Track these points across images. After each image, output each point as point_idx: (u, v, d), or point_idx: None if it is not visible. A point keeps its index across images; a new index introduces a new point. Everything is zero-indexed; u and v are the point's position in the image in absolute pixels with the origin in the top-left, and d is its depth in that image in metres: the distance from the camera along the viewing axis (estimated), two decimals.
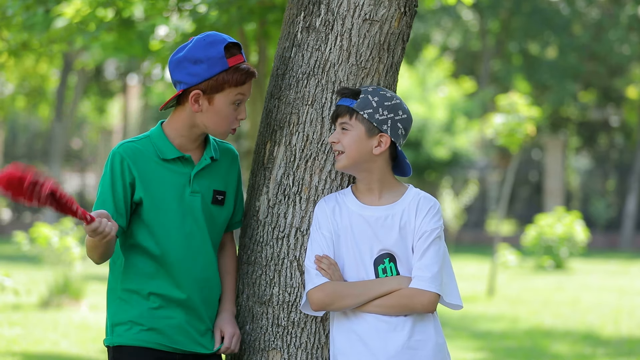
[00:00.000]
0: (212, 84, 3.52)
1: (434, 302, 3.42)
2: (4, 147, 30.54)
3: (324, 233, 3.53)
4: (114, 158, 3.55)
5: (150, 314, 3.55)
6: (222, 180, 3.69)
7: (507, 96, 14.79)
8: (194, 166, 3.61)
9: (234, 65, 3.54)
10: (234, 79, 3.53)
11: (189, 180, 3.60)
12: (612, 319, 12.15)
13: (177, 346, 3.57)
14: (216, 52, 3.52)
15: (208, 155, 3.64)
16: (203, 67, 3.52)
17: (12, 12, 7.61)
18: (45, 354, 8.91)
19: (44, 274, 13.42)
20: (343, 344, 3.51)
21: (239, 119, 3.60)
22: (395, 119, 3.51)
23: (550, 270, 19.24)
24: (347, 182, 3.71)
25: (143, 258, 3.58)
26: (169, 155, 3.58)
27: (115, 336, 3.57)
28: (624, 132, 32.22)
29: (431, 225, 3.47)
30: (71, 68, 26.65)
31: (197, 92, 3.53)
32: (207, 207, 3.63)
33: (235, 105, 3.57)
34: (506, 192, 15.17)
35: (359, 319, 3.48)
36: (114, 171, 3.54)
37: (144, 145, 3.59)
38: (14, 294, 9.13)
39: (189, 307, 3.59)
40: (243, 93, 3.57)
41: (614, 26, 28.08)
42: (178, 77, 3.56)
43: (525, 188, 30.11)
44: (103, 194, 3.54)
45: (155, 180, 3.56)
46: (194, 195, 3.60)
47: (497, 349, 9.97)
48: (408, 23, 3.79)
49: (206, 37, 3.56)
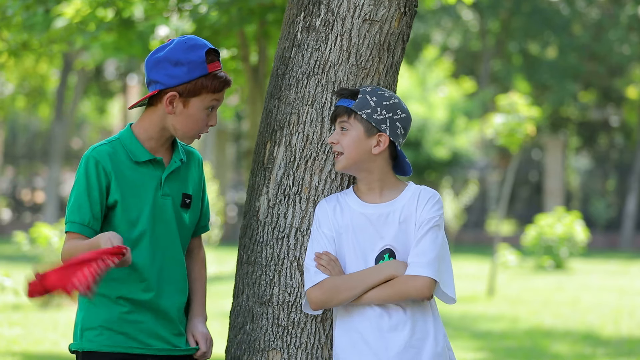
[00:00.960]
0: (190, 88, 3.51)
1: (428, 286, 3.40)
2: (4, 147, 30.55)
3: (324, 232, 3.53)
4: (89, 162, 3.51)
5: (121, 318, 3.52)
6: (190, 184, 3.68)
7: (507, 96, 14.79)
8: (164, 169, 3.60)
9: (213, 71, 3.53)
10: (212, 85, 3.52)
11: (159, 182, 3.58)
12: (612, 319, 12.15)
13: (148, 347, 3.54)
14: (197, 56, 3.51)
15: (177, 157, 3.63)
16: (183, 70, 3.50)
17: (12, 12, 7.61)
18: (45, 354, 8.91)
19: None
20: (345, 344, 3.51)
21: (208, 125, 3.59)
22: (394, 119, 3.51)
23: (550, 270, 19.24)
24: (347, 182, 3.71)
25: None
26: (141, 157, 3.56)
27: (85, 341, 3.53)
28: (624, 132, 32.23)
29: (430, 214, 3.46)
30: (71, 68, 26.66)
31: (174, 94, 3.51)
32: (177, 210, 3.62)
33: (208, 111, 3.56)
34: (506, 192, 15.17)
35: (361, 317, 3.48)
36: (89, 175, 3.51)
37: (116, 148, 3.56)
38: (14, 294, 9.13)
39: (160, 310, 3.56)
40: (218, 100, 3.57)
41: (614, 26, 28.08)
42: (155, 77, 3.54)
43: (525, 188, 30.11)
44: (79, 199, 3.50)
45: (129, 183, 3.54)
46: (164, 198, 3.58)
47: (497, 349, 9.97)
48: (408, 23, 3.79)
49: (187, 40, 3.55)
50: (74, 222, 3.50)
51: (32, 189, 30.28)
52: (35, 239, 12.55)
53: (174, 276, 3.61)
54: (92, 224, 3.49)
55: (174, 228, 3.60)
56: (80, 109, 31.04)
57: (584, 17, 29.68)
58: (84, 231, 3.49)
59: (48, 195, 26.41)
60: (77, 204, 3.50)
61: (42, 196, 28.97)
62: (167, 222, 3.58)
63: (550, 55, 30.03)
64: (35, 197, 30.11)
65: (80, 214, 3.49)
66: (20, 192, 30.20)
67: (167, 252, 3.59)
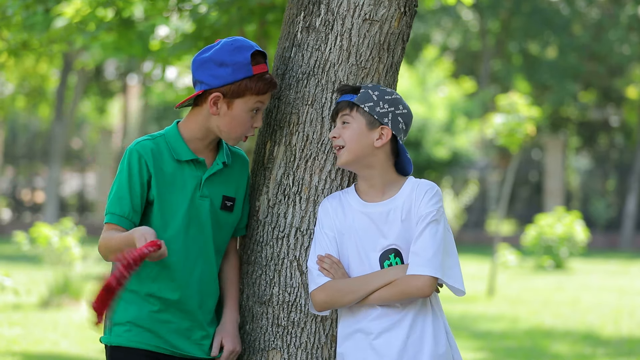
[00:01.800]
0: (234, 89, 3.51)
1: (428, 285, 3.38)
2: (4, 147, 30.54)
3: (326, 232, 3.53)
4: (132, 155, 3.53)
5: (150, 316, 3.54)
6: (233, 186, 3.68)
7: (507, 96, 14.79)
8: (206, 170, 3.60)
9: (258, 73, 3.53)
10: (257, 87, 3.52)
11: (199, 183, 3.59)
12: (612, 319, 12.15)
13: (175, 349, 3.56)
14: (243, 57, 3.51)
15: (220, 160, 3.63)
16: (227, 71, 3.50)
17: (12, 12, 7.61)
18: (45, 354, 8.91)
19: (44, 274, 13.42)
20: (349, 345, 3.50)
21: (254, 127, 3.59)
22: (396, 113, 3.52)
23: (550, 270, 19.24)
24: (347, 182, 3.71)
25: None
26: (183, 156, 3.57)
27: (114, 336, 3.56)
28: (624, 132, 32.23)
29: (427, 208, 3.44)
30: (71, 68, 26.65)
31: (218, 95, 3.52)
32: (214, 212, 3.61)
33: (253, 113, 3.56)
34: (506, 192, 15.17)
35: (363, 318, 3.47)
36: (132, 168, 3.52)
37: (160, 144, 3.57)
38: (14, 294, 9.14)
39: (188, 311, 3.58)
40: (262, 102, 3.56)
41: (614, 26, 28.08)
42: (200, 77, 3.54)
43: (525, 188, 30.10)
44: (120, 191, 3.51)
45: (168, 181, 3.55)
46: (202, 200, 3.59)
47: (497, 349, 9.97)
48: (408, 23, 3.79)
49: (234, 41, 3.55)
50: (114, 214, 3.51)
51: (32, 189, 30.27)
52: (35, 239, 12.55)
53: (205, 278, 3.61)
54: (132, 217, 3.51)
55: (208, 230, 3.60)
56: (80, 109, 31.04)
57: (584, 17, 29.68)
58: (122, 223, 3.50)
59: (48, 195, 26.41)
60: (118, 195, 3.51)
61: (42, 196, 28.97)
62: (202, 224, 3.59)
63: (550, 55, 30.03)
64: (35, 197, 30.11)
65: (121, 205, 3.50)
66: (20, 192, 30.20)
67: (200, 253, 3.59)
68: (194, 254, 3.58)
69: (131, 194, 3.51)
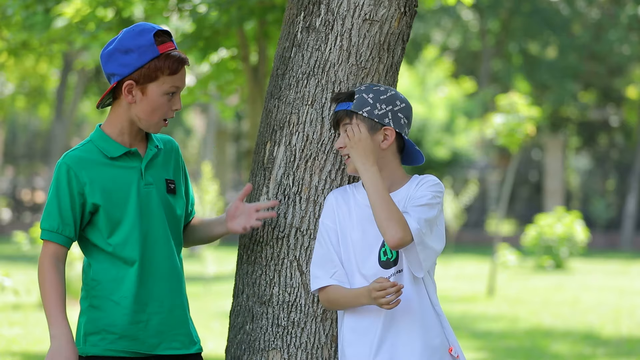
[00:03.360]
0: (145, 73, 3.47)
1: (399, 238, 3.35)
2: (4, 147, 30.55)
3: (326, 223, 3.55)
4: (60, 169, 3.49)
5: (122, 320, 3.50)
6: (171, 169, 3.64)
7: (507, 96, 14.79)
8: (141, 159, 3.57)
9: (165, 52, 3.48)
10: (167, 66, 3.47)
11: (140, 173, 3.55)
12: (612, 319, 12.15)
13: (153, 350, 3.52)
14: (145, 40, 3.47)
15: (153, 145, 3.60)
16: (134, 57, 3.46)
17: (12, 12, 7.61)
18: (45, 354, 8.90)
19: None
20: (351, 338, 3.51)
21: (173, 110, 3.55)
22: (394, 110, 3.52)
23: (550, 270, 19.24)
24: (347, 182, 3.71)
25: (109, 262, 3.52)
26: (115, 153, 3.53)
27: (89, 346, 3.52)
28: (624, 132, 32.22)
29: (422, 192, 3.46)
30: (71, 68, 26.65)
31: (130, 82, 3.48)
32: (163, 197, 3.58)
33: (169, 96, 3.52)
34: (506, 192, 15.17)
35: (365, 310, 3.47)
36: (60, 182, 3.48)
37: (88, 150, 3.53)
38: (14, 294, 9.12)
39: (160, 306, 3.54)
40: (176, 85, 3.51)
41: (614, 26, 28.08)
42: (110, 70, 3.50)
43: (525, 188, 30.10)
44: (49, 206, 3.49)
45: (107, 182, 3.51)
46: (148, 187, 3.55)
47: (497, 349, 9.97)
48: (408, 23, 3.79)
49: (135, 27, 3.52)
50: (44, 230, 3.49)
51: (32, 189, 30.28)
52: (35, 239, 12.55)
53: (168, 267, 3.57)
54: (62, 230, 3.47)
55: (162, 216, 3.56)
56: (80, 109, 31.03)
57: (584, 17, 29.68)
58: (53, 237, 3.47)
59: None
60: (47, 211, 3.49)
61: (42, 196, 28.97)
62: (155, 212, 3.55)
63: (550, 55, 30.03)
64: (35, 197, 30.11)
65: (49, 220, 3.48)
66: (20, 192, 30.20)
67: (158, 241, 3.55)
68: (156, 245, 3.54)
69: (60, 207, 3.47)
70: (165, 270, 3.56)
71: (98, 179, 3.50)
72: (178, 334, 3.58)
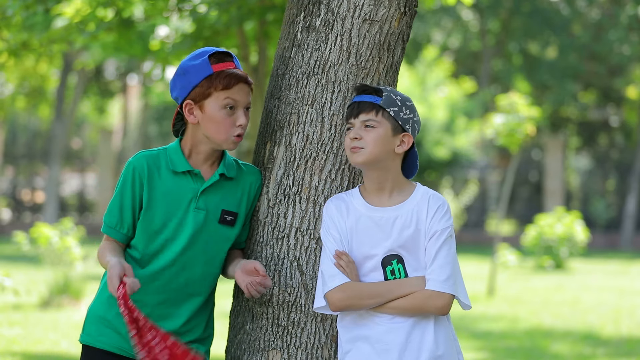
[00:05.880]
0: (199, 91, 3.54)
1: (448, 304, 3.40)
2: (4, 147, 30.54)
3: (332, 234, 3.50)
4: (127, 168, 3.59)
5: (117, 317, 3.52)
6: (235, 200, 3.66)
7: (507, 96, 14.79)
8: (204, 182, 3.60)
9: (219, 70, 3.54)
10: (218, 81, 3.53)
11: (195, 195, 3.59)
12: (612, 319, 12.15)
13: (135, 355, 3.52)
14: (200, 60, 3.55)
15: (218, 172, 3.62)
16: (189, 77, 3.55)
17: (12, 12, 7.61)
18: (45, 354, 8.90)
19: (44, 274, 13.41)
20: (349, 347, 3.49)
21: (237, 125, 3.57)
22: (414, 120, 3.51)
23: (550, 270, 19.24)
24: (347, 182, 3.71)
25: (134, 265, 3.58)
26: (179, 168, 3.59)
27: (85, 335, 3.61)
28: (624, 132, 32.22)
29: (442, 224, 3.44)
30: (71, 68, 26.65)
31: (189, 102, 3.56)
32: (212, 226, 3.60)
33: (228, 110, 3.55)
34: (506, 192, 15.17)
35: (366, 322, 3.45)
36: (126, 181, 3.58)
37: (159, 157, 3.61)
38: (14, 294, 9.12)
39: (168, 316, 3.57)
40: (232, 97, 3.55)
41: (614, 26, 28.07)
42: (175, 94, 3.61)
43: (525, 188, 30.10)
44: (113, 202, 3.60)
45: (160, 191, 3.57)
46: (197, 212, 3.58)
47: (497, 349, 9.97)
48: (408, 23, 3.79)
49: (196, 51, 3.61)
50: (104, 224, 3.61)
51: (32, 189, 30.28)
52: (35, 239, 12.55)
53: (186, 287, 3.60)
54: (120, 227, 3.57)
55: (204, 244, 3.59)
56: (80, 109, 31.04)
57: (584, 17, 29.68)
58: (110, 233, 3.59)
59: (48, 195, 26.41)
60: (110, 206, 3.60)
61: (42, 196, 28.97)
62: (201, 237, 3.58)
63: (550, 55, 30.03)
64: (35, 197, 30.11)
65: (110, 216, 3.59)
66: (20, 192, 30.20)
67: (185, 264, 3.58)
68: (180, 265, 3.58)
69: (121, 205, 3.57)
70: (183, 284, 3.59)
71: (155, 184, 3.57)
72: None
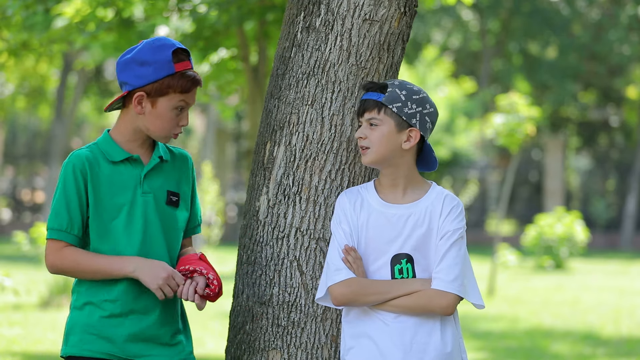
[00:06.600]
0: (157, 87, 3.51)
1: (452, 304, 3.38)
2: (4, 147, 30.55)
3: (344, 228, 3.46)
4: (67, 167, 3.52)
5: (101, 322, 3.49)
6: (175, 182, 3.64)
7: (507, 96, 14.79)
8: (143, 167, 3.58)
9: (181, 70, 3.52)
10: (179, 85, 3.52)
11: (139, 180, 3.56)
12: (612, 319, 12.16)
13: (128, 356, 3.51)
14: (164, 56, 3.51)
15: (157, 155, 3.60)
16: (149, 70, 3.51)
17: (12, 12, 7.61)
18: (45, 354, 8.90)
19: (44, 274, 13.41)
20: (352, 343, 3.48)
21: (180, 125, 3.57)
22: (423, 113, 3.44)
23: (550, 270, 19.24)
24: (347, 182, 3.71)
25: None
26: (117, 157, 3.55)
27: (69, 346, 3.52)
28: (624, 132, 32.23)
29: (454, 225, 3.42)
30: (71, 68, 26.65)
31: (141, 94, 3.52)
32: (161, 208, 3.58)
33: (178, 111, 3.55)
34: (506, 192, 15.18)
35: (370, 321, 3.44)
36: (67, 180, 3.50)
37: (94, 151, 3.56)
38: (14, 294, 9.13)
39: (142, 312, 3.53)
40: (186, 101, 3.55)
41: (614, 26, 28.08)
42: (124, 79, 3.56)
43: (525, 188, 30.11)
44: (57, 205, 3.50)
45: (104, 184, 3.52)
46: (145, 196, 3.55)
47: (497, 349, 9.97)
48: (408, 23, 3.79)
49: (155, 40, 3.56)
50: (53, 229, 3.50)
51: (32, 189, 30.28)
52: (35, 239, 12.55)
53: None
54: (71, 229, 3.49)
55: (157, 226, 3.56)
56: (80, 109, 31.04)
57: (584, 17, 29.68)
58: (62, 236, 3.49)
59: (48, 195, 26.40)
60: (54, 210, 3.51)
61: (42, 196, 28.97)
62: (150, 220, 3.55)
63: (550, 55, 30.03)
64: (35, 197, 30.11)
65: (58, 219, 3.50)
66: (20, 192, 30.20)
67: (150, 250, 3.54)
68: (146, 253, 3.52)
69: (68, 206, 3.49)
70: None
71: (97, 179, 3.52)
72: (160, 342, 3.55)
